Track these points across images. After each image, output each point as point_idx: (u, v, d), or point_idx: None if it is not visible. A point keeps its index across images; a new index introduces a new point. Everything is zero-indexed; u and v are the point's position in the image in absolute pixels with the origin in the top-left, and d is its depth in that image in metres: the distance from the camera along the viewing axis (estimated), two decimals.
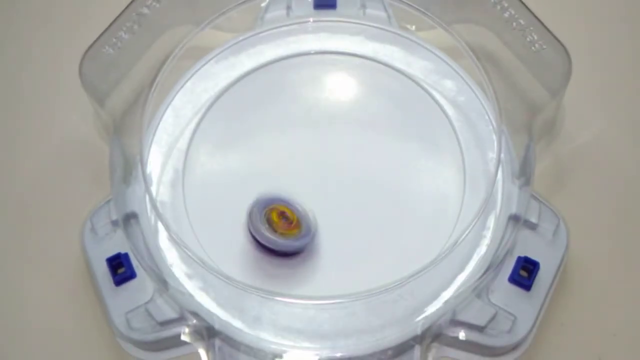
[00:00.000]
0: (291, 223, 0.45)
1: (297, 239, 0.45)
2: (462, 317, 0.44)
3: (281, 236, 0.45)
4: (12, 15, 0.55)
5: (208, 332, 0.44)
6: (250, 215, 0.45)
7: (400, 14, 0.52)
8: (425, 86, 0.50)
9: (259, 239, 0.45)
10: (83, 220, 0.47)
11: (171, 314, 0.44)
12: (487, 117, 0.49)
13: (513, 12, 0.48)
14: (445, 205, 0.47)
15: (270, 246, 0.45)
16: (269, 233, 0.45)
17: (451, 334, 0.44)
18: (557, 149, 0.50)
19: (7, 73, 0.54)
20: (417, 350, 0.43)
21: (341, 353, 0.43)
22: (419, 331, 0.43)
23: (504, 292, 0.44)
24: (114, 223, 0.46)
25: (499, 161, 0.46)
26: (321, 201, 0.46)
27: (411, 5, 0.50)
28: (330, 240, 0.46)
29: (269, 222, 0.45)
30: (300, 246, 0.45)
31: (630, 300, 0.46)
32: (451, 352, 0.45)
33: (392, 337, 0.43)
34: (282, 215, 0.45)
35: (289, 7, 0.52)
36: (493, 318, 0.43)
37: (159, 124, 0.49)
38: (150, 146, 0.49)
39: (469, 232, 0.44)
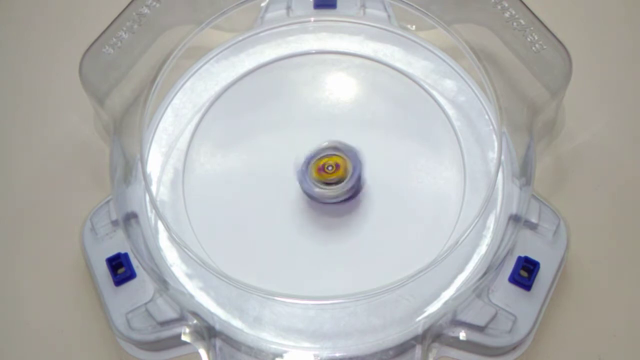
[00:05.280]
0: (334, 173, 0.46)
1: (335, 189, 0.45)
2: (462, 317, 0.44)
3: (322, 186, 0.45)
4: (12, 16, 0.55)
5: (208, 332, 0.44)
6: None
7: (401, 14, 0.52)
8: (426, 86, 0.50)
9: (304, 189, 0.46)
10: (83, 220, 0.47)
11: (171, 314, 0.44)
12: (487, 117, 0.49)
13: (513, 12, 0.48)
14: (446, 205, 0.47)
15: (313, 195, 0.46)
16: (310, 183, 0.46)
17: (452, 334, 0.44)
18: (557, 149, 0.50)
19: (7, 73, 0.54)
20: (418, 350, 0.43)
21: (342, 353, 0.43)
22: (419, 331, 0.43)
23: (505, 292, 0.44)
24: (114, 223, 0.46)
25: (499, 161, 0.46)
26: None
27: (411, 5, 0.50)
28: (330, 240, 0.46)
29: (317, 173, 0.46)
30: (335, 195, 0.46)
31: (630, 300, 0.46)
32: (452, 352, 0.45)
33: (393, 337, 0.43)
34: (325, 166, 0.46)
35: (289, 7, 0.52)
36: (493, 318, 0.43)
37: (158, 123, 0.50)
38: (150, 146, 0.49)
39: (470, 232, 0.44)
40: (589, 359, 0.45)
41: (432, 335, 0.44)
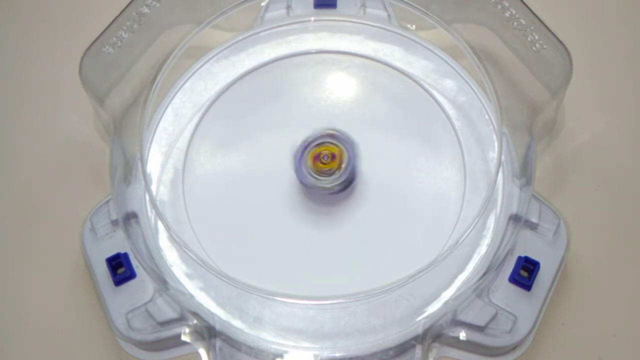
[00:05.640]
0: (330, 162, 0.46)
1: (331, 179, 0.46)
2: (462, 317, 0.44)
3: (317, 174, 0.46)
4: (11, 15, 0.55)
5: (208, 332, 0.44)
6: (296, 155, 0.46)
7: (401, 14, 0.52)
8: (426, 86, 0.50)
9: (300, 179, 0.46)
10: (83, 220, 0.47)
11: (171, 314, 0.44)
12: (487, 117, 0.49)
13: (514, 11, 0.48)
14: (446, 205, 0.47)
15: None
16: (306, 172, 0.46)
17: (452, 334, 0.44)
18: (557, 149, 0.50)
19: (7, 73, 0.54)
20: (418, 350, 0.43)
21: (342, 353, 0.43)
22: (420, 331, 0.43)
23: (505, 292, 0.44)
24: (114, 223, 0.46)
25: (499, 161, 0.46)
26: (321, 200, 0.47)
27: (411, 5, 0.50)
28: (330, 239, 0.46)
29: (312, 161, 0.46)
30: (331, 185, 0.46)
31: (630, 300, 0.46)
32: (452, 352, 0.45)
33: (393, 337, 0.43)
34: (320, 155, 0.46)
35: (289, 7, 0.52)
36: (493, 318, 0.44)
37: (158, 123, 0.49)
38: (150, 145, 0.49)
39: (470, 232, 0.44)
40: (589, 359, 0.45)
41: (432, 335, 0.44)
